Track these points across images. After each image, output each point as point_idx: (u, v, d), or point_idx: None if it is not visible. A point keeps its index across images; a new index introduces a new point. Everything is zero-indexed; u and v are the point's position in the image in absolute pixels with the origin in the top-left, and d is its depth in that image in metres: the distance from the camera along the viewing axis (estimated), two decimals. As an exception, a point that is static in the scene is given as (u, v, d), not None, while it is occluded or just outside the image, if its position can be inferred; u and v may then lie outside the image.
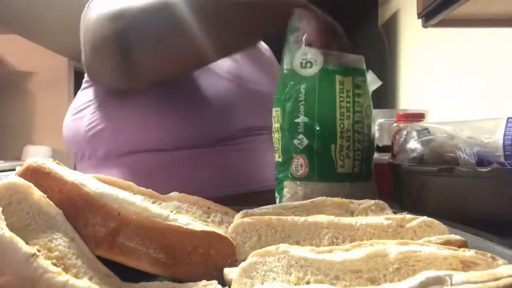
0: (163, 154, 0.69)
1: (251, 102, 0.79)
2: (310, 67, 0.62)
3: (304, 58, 0.63)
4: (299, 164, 0.61)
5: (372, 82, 0.67)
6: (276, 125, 0.64)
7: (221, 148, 0.72)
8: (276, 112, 0.64)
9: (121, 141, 0.69)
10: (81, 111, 0.74)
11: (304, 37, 0.62)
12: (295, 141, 0.61)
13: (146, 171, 0.67)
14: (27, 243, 0.27)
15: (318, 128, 0.60)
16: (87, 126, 0.71)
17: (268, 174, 0.74)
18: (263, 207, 0.47)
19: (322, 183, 0.60)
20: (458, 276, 0.25)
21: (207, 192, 0.50)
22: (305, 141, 0.61)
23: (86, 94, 0.76)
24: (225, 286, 0.32)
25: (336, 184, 0.60)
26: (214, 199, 0.50)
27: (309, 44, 0.61)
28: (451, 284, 0.24)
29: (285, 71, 0.63)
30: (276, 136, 0.64)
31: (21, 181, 0.32)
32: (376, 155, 0.67)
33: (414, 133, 0.63)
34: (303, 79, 0.62)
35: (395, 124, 0.86)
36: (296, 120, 0.61)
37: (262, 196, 0.71)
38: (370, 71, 0.67)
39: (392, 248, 0.30)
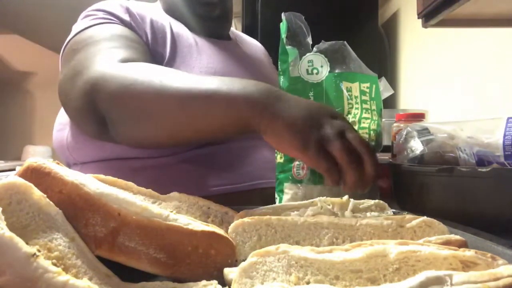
0: (146, 160, 0.69)
1: None
2: (317, 73, 0.62)
3: (310, 65, 0.63)
4: (301, 167, 0.61)
5: (385, 89, 0.67)
6: None
7: (207, 149, 0.72)
8: None
9: (100, 152, 0.70)
10: (62, 124, 0.76)
11: None
12: None
13: (129, 174, 0.66)
14: (27, 243, 0.27)
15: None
16: (68, 139, 0.74)
17: (253, 172, 0.73)
18: (263, 207, 0.47)
19: (323, 186, 0.60)
20: (458, 276, 0.25)
21: (192, 193, 0.50)
22: None
23: None
24: (225, 286, 0.32)
25: (337, 188, 0.60)
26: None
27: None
28: (451, 284, 0.24)
29: (292, 76, 0.63)
30: None
31: (21, 181, 0.32)
32: (376, 155, 0.67)
33: (414, 133, 0.63)
34: (311, 85, 0.62)
35: (395, 124, 0.86)
36: None
37: (246, 195, 0.71)
38: (383, 78, 0.67)
39: (392, 248, 0.30)
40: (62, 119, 0.76)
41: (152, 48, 0.74)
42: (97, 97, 0.59)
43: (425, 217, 0.40)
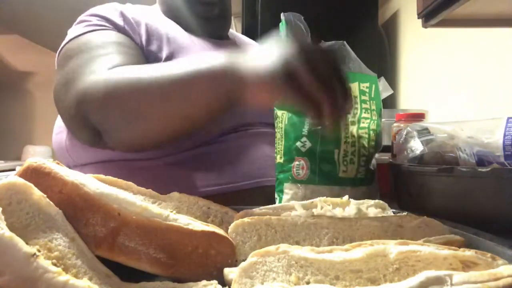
0: (146, 161, 0.70)
1: None
2: None
3: None
4: (301, 167, 0.61)
5: (384, 89, 0.67)
6: (280, 125, 0.64)
7: (206, 148, 0.72)
8: (282, 114, 0.64)
9: (99, 154, 0.71)
10: (61, 127, 0.77)
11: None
12: (298, 144, 0.61)
13: (128, 174, 0.66)
14: (27, 243, 0.27)
15: (322, 132, 0.60)
16: (66, 142, 0.75)
17: (254, 170, 0.73)
18: (263, 207, 0.47)
19: (323, 186, 0.60)
20: (458, 276, 0.25)
21: (192, 193, 0.51)
22: (308, 144, 0.61)
23: None
24: (225, 286, 0.32)
25: (337, 188, 0.60)
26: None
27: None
28: (451, 284, 0.24)
29: None
30: (279, 137, 0.64)
31: (21, 181, 0.32)
32: (376, 155, 0.67)
33: (414, 133, 0.63)
34: None
35: (395, 124, 0.86)
36: (301, 123, 0.61)
37: (246, 194, 0.71)
38: (382, 78, 0.67)
39: (392, 248, 0.30)
40: (60, 122, 0.77)
41: (147, 50, 0.75)
42: (86, 109, 0.61)
43: (425, 217, 0.40)
